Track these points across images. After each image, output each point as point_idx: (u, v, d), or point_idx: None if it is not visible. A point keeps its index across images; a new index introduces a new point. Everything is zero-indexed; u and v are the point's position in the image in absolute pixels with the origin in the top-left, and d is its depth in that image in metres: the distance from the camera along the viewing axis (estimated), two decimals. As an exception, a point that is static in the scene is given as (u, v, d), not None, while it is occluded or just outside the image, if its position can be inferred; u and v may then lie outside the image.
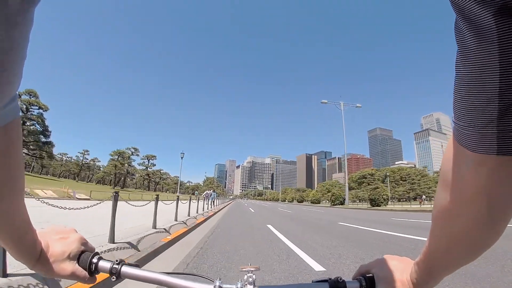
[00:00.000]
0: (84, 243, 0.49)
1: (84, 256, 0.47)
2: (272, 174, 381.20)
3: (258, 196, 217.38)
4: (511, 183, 0.25)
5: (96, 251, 0.50)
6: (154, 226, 5.63)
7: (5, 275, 2.04)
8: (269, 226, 9.05)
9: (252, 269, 0.48)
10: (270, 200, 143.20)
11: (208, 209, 15.11)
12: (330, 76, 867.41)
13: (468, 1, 0.19)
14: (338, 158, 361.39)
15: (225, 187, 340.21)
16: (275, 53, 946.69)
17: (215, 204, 20.97)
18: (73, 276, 0.46)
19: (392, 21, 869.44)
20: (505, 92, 0.19)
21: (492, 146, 0.22)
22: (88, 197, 22.51)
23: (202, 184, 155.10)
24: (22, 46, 0.21)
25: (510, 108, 0.20)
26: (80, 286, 2.18)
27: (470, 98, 0.22)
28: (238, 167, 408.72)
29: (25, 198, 0.37)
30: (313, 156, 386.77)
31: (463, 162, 0.26)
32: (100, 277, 0.47)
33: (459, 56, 0.22)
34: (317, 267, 3.70)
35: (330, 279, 0.47)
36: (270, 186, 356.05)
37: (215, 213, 14.14)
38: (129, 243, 3.92)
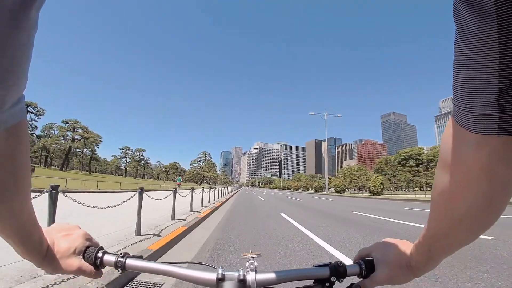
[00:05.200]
0: (89, 238, 0.50)
1: (89, 251, 0.48)
2: (280, 161, 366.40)
3: (269, 184, 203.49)
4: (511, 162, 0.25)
5: (100, 245, 0.50)
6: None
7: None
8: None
9: (254, 256, 0.49)
10: (297, 189, 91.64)
11: None
12: (340, 62, 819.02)
13: None
14: (349, 144, 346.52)
15: (231, 175, 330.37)
16: (285, 40, 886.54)
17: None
18: (79, 271, 0.46)
19: (399, 7, 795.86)
20: (505, 72, 0.19)
21: (493, 127, 0.22)
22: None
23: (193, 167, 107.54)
24: (28, 48, 0.21)
25: (510, 88, 0.20)
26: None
27: (470, 79, 0.22)
28: (244, 154, 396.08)
29: None
30: (322, 142, 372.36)
31: (464, 143, 0.27)
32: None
33: (458, 38, 0.22)
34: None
35: (330, 263, 0.48)
36: (278, 173, 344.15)
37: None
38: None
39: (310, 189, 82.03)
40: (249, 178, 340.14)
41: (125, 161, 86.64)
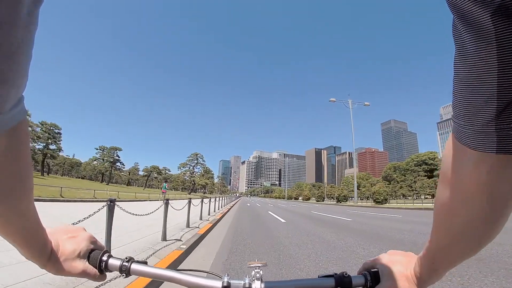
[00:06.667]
0: (94, 241, 0.49)
1: (94, 254, 0.48)
2: (280, 170, 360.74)
3: (270, 193, 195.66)
4: (510, 180, 0.25)
5: (105, 249, 0.49)
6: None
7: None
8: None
9: (259, 265, 0.48)
10: (308, 199, 78.95)
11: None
12: (340, 69, 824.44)
13: (465, 1, 0.19)
14: (349, 153, 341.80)
15: (229, 184, 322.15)
16: (284, 45, 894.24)
17: None
18: (83, 274, 0.46)
19: (402, 12, 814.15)
20: (503, 91, 0.19)
21: (491, 145, 0.22)
22: None
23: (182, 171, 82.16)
24: (28, 47, 0.21)
25: (508, 107, 0.20)
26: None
27: (469, 97, 0.22)
28: (243, 163, 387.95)
29: None
30: (322, 150, 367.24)
31: (463, 160, 0.27)
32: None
33: (458, 57, 0.22)
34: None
35: (336, 274, 0.47)
36: (277, 182, 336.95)
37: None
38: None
39: (327, 199, 68.44)
40: (248, 187, 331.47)
41: (102, 163, 72.58)
